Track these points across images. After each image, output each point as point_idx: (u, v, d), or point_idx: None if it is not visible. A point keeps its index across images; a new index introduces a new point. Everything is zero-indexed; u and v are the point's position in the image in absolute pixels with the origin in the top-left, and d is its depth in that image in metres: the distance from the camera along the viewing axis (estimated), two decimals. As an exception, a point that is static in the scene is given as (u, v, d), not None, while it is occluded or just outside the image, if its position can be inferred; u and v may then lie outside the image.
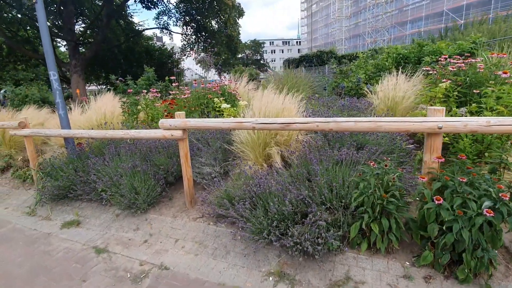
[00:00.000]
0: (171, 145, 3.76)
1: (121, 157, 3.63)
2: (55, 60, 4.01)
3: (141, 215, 3.26)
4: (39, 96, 7.81)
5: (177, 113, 3.03)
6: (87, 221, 3.42)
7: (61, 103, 4.01)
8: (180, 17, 18.59)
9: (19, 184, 4.75)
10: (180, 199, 3.48)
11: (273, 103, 3.59)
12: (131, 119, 4.67)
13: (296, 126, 2.34)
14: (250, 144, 3.53)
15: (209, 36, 15.95)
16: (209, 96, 4.67)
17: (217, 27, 14.52)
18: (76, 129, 3.91)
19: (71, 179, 3.66)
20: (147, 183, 3.27)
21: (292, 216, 2.41)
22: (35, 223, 3.56)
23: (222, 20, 13.98)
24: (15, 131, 4.23)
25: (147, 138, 3.14)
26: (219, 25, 14.48)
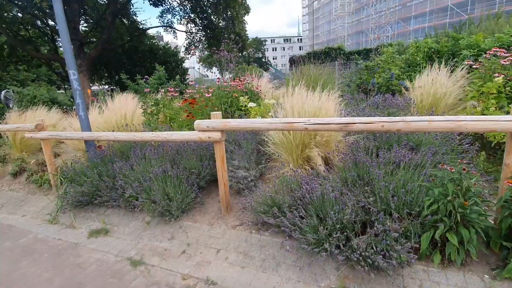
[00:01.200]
0: (201, 147, 3.54)
1: (148, 160, 3.41)
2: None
3: (174, 222, 3.05)
4: (48, 96, 7.59)
5: (213, 114, 2.80)
6: (115, 229, 3.21)
7: (81, 104, 3.79)
8: (184, 15, 18.31)
9: (35, 190, 4.54)
10: (214, 204, 3.26)
11: (308, 102, 3.37)
12: (152, 119, 4.45)
13: (357, 127, 2.11)
14: (285, 145, 3.31)
15: (216, 34, 15.65)
16: (234, 95, 4.43)
17: (224, 23, 14.24)
18: (99, 131, 3.69)
19: (95, 184, 3.44)
20: (180, 188, 3.05)
21: (351, 225, 2.19)
22: (58, 232, 3.34)
23: (229, 17, 13.69)
24: (31, 134, 4.01)
25: (181, 141, 2.92)
26: (227, 22, 14.19)
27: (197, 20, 17.74)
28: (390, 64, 5.09)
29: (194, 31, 18.95)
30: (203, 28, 17.60)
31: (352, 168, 2.63)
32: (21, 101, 7.42)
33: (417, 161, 2.44)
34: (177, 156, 3.50)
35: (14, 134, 5.81)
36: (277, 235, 2.61)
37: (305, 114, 3.24)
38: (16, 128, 4.22)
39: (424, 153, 2.52)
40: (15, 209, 4.15)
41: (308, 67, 5.47)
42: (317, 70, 5.47)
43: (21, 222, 3.73)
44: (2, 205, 4.34)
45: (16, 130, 4.35)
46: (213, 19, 15.60)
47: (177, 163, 3.45)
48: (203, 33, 18.53)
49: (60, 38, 3.59)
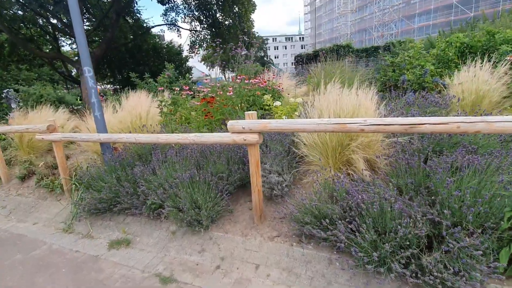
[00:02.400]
0: (227, 149, 3.27)
1: (171, 164, 3.14)
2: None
3: (203, 232, 2.78)
4: (55, 96, 7.32)
5: (248, 113, 2.53)
6: (137, 239, 2.94)
7: (97, 103, 3.52)
8: (189, 13, 18.04)
9: (46, 195, 4.28)
10: (244, 212, 3.00)
11: (343, 100, 3.10)
12: (172, 119, 4.18)
13: (425, 128, 1.84)
14: (319, 147, 3.05)
15: (221, 32, 15.37)
16: (257, 93, 4.16)
17: (230, 21, 13.94)
18: (116, 133, 3.42)
19: (114, 190, 3.18)
20: (209, 195, 2.79)
21: (415, 240, 1.92)
22: (75, 242, 3.08)
23: (236, 14, 13.39)
24: (43, 136, 3.75)
25: (211, 143, 2.66)
26: (233, 20, 13.90)
27: (201, 17, 17.47)
28: (419, 60, 4.81)
29: (199, 29, 18.68)
30: (208, 26, 17.32)
31: (407, 174, 2.36)
32: (27, 101, 7.16)
33: (482, 166, 2.17)
34: (202, 160, 3.23)
35: (21, 135, 5.56)
36: (322, 248, 2.34)
37: (342, 113, 2.98)
38: (26, 129, 3.96)
39: (492, 157, 2.25)
40: (25, 216, 3.89)
41: (330, 64, 5.19)
42: (338, 67, 5.19)
43: (33, 230, 3.47)
44: (10, 212, 4.09)
45: (26, 132, 4.09)
46: (218, 17, 15.30)
47: (202, 167, 3.18)
48: (208, 31, 18.25)
49: (75, 33, 3.32)
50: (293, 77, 6.29)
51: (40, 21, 17.44)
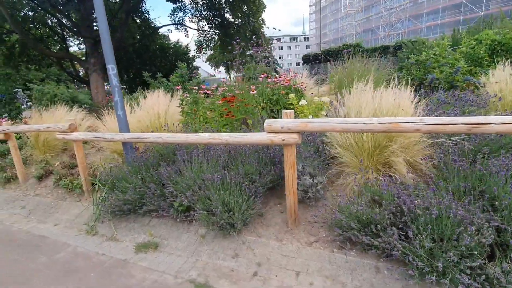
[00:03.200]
0: (254, 149, 3.15)
1: (198, 164, 3.03)
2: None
3: (235, 236, 2.66)
4: (69, 95, 7.28)
5: (285, 112, 2.41)
6: (165, 243, 2.83)
7: (119, 102, 3.43)
8: (196, 12, 17.97)
9: (65, 195, 4.19)
10: (275, 215, 2.87)
11: (376, 99, 2.96)
12: (195, 119, 4.07)
13: (491, 128, 1.70)
14: (354, 148, 2.91)
15: (229, 31, 15.24)
16: (282, 92, 4.04)
17: (239, 21, 13.82)
18: (142, 132, 3.32)
19: (140, 191, 3.07)
20: (242, 197, 2.67)
21: (479, 248, 1.78)
22: (100, 245, 2.98)
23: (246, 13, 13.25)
24: (63, 135, 3.66)
25: (246, 144, 2.54)
26: (242, 19, 13.77)
27: (208, 17, 17.39)
28: (446, 58, 4.64)
29: (206, 29, 18.60)
30: (216, 26, 17.21)
31: (457, 177, 2.22)
32: (41, 100, 7.12)
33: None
34: (231, 160, 3.11)
35: (37, 134, 5.50)
36: (366, 255, 2.21)
37: (380, 112, 2.84)
38: (46, 128, 3.88)
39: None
40: (45, 217, 3.81)
41: (352, 62, 5.05)
42: (362, 65, 5.04)
43: (55, 232, 3.38)
44: (30, 212, 4.01)
45: (46, 131, 4.01)
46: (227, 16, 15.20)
47: (230, 167, 3.06)
48: (215, 31, 18.16)
49: (100, 29, 3.23)
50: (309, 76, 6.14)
51: (49, 21, 17.55)
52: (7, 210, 4.24)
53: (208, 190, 2.76)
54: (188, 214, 2.93)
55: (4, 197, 4.65)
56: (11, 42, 17.27)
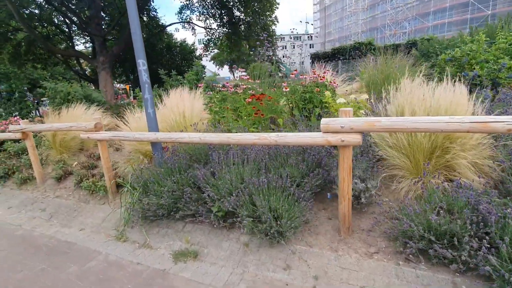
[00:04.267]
0: (297, 151, 2.94)
1: (236, 166, 2.82)
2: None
3: (283, 245, 2.45)
4: (83, 93, 7.09)
5: (343, 110, 2.19)
6: (205, 251, 2.63)
7: (150, 99, 3.22)
8: (204, 10, 17.76)
9: (88, 197, 4.00)
10: (322, 222, 2.66)
11: (428, 95, 2.74)
12: (226, 118, 3.85)
13: None
14: (407, 149, 2.69)
15: (238, 29, 14.99)
16: (317, 90, 3.81)
17: (250, 18, 13.58)
18: (178, 132, 3.11)
19: (175, 195, 2.86)
20: (288, 203, 2.46)
21: None
22: (133, 252, 2.78)
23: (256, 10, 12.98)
24: (88, 134, 3.46)
25: (297, 144, 2.33)
26: (253, 17, 13.53)
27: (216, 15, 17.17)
28: (485, 54, 4.40)
29: (214, 27, 18.37)
30: (224, 24, 16.98)
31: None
32: (54, 98, 6.94)
33: None
34: (272, 162, 2.90)
35: (54, 134, 5.32)
36: (438, 268, 1.99)
37: (438, 111, 2.61)
38: (69, 127, 3.69)
39: None
40: (68, 221, 3.62)
41: (385, 59, 4.81)
42: (393, 62, 4.80)
43: (81, 238, 3.18)
44: (51, 215, 3.82)
45: (69, 130, 3.81)
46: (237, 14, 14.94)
47: (270, 170, 2.84)
48: (223, 30, 17.94)
49: (130, 24, 3.03)
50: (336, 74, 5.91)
51: (56, 20, 17.44)
52: (26, 213, 4.06)
53: (252, 194, 2.55)
54: (226, 220, 2.72)
55: (21, 198, 4.47)
56: (17, 40, 17.16)
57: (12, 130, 4.39)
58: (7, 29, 14.99)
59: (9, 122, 7.13)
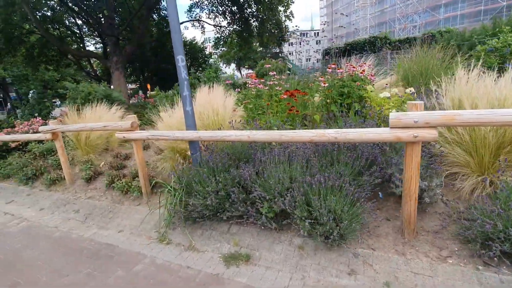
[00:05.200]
0: (350, 148, 2.78)
1: (285, 165, 2.68)
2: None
3: (344, 248, 2.31)
4: (103, 93, 7.06)
5: (412, 103, 2.03)
6: (256, 254, 2.51)
7: (188, 96, 3.11)
8: (213, 8, 17.63)
9: (121, 198, 3.93)
10: (380, 223, 2.51)
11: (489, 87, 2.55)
12: (262, 114, 3.73)
13: None
14: (469, 145, 2.51)
15: (249, 26, 14.78)
16: (358, 84, 3.64)
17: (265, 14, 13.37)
18: (222, 130, 2.99)
19: (220, 196, 2.75)
20: (348, 203, 2.31)
21: None
22: (179, 255, 2.68)
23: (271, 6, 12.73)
24: (124, 134, 3.37)
25: (361, 141, 2.18)
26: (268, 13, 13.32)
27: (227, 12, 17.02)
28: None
29: (224, 25, 18.22)
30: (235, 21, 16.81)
31: None
32: (75, 98, 6.91)
33: None
34: (320, 160, 2.75)
35: (78, 134, 5.28)
36: (525, 274, 1.83)
37: (501, 103, 2.43)
38: (103, 127, 3.61)
39: None
40: (104, 223, 3.54)
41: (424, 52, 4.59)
42: (432, 55, 4.58)
43: (122, 240, 3.10)
44: (86, 217, 3.76)
45: (103, 129, 3.73)
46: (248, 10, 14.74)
47: (319, 168, 2.70)
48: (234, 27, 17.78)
49: (169, 18, 2.91)
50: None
51: (67, 21, 17.61)
52: (59, 214, 4.01)
53: (306, 194, 2.41)
54: (276, 221, 2.60)
55: (53, 199, 4.43)
56: (31, 43, 17.36)
57: (42, 130, 4.34)
58: (21, 31, 15.15)
59: (31, 123, 7.14)
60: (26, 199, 4.66)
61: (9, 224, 3.89)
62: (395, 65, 5.58)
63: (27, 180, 5.10)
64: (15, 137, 5.16)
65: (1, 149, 6.26)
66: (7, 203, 4.73)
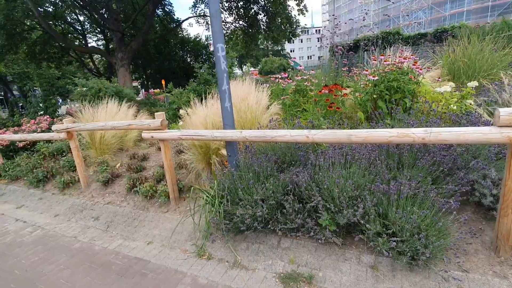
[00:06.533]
0: (416, 149, 2.42)
1: (342, 171, 2.32)
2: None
3: (426, 269, 1.96)
4: (114, 89, 6.68)
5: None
6: (319, 274, 2.15)
7: (228, 91, 2.74)
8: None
9: (145, 204, 3.57)
10: (466, 239, 2.14)
11: None
12: (309, 110, 3.36)
13: None
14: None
15: (255, 22, 14.33)
16: (411, 77, 3.27)
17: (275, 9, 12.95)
18: (272, 130, 2.62)
19: (270, 204, 2.39)
20: (433, 215, 1.95)
21: None
22: (225, 274, 2.32)
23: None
24: (153, 133, 3.01)
25: (457, 142, 1.80)
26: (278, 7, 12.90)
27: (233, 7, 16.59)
28: None
29: (230, 21, 17.80)
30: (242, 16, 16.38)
31: None
32: (85, 95, 6.53)
33: None
34: (389, 164, 2.39)
35: (92, 133, 4.91)
36: None
37: None
38: (128, 125, 3.23)
39: None
40: (129, 232, 3.19)
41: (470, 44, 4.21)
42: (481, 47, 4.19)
43: (153, 254, 2.74)
44: (108, 225, 3.40)
45: (127, 128, 3.36)
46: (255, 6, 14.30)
47: (378, 173, 2.34)
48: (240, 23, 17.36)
49: (210, 5, 2.53)
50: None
51: (68, 17, 17.22)
52: (77, 221, 3.65)
53: (379, 204, 2.06)
54: (338, 235, 2.24)
55: (68, 204, 4.07)
56: (32, 39, 17.00)
57: (56, 129, 3.97)
58: (23, 28, 14.76)
59: (38, 121, 6.77)
60: (38, 204, 4.31)
61: (22, 233, 3.54)
62: (430, 59, 5.20)
63: (37, 182, 4.74)
64: (25, 137, 4.79)
65: (8, 149, 5.90)
66: (18, 207, 4.37)
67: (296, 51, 77.82)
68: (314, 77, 5.07)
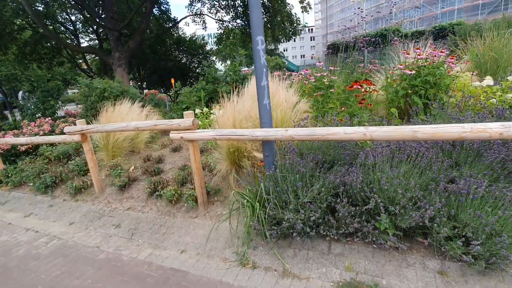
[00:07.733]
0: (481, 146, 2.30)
1: (397, 170, 2.18)
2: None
3: (499, 273, 1.83)
4: (120, 89, 6.39)
5: None
6: (383, 283, 2.00)
7: (266, 87, 2.56)
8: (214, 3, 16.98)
9: (170, 209, 3.35)
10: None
11: None
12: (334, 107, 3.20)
13: None
14: None
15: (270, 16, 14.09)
16: (450, 71, 3.16)
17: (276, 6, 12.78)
18: (325, 127, 2.45)
19: (320, 207, 2.23)
20: (504, 216, 1.83)
21: None
22: (276, 284, 2.14)
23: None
24: (183, 133, 2.80)
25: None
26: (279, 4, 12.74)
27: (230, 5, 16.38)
28: None
29: (228, 19, 17.58)
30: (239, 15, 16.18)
31: None
32: (89, 96, 6.24)
33: None
34: (446, 161, 2.26)
35: (106, 135, 4.66)
36: None
37: None
38: (154, 125, 2.99)
39: None
40: (158, 240, 2.97)
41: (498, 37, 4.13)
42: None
43: (190, 263, 2.54)
44: (132, 233, 3.18)
45: (153, 129, 3.11)
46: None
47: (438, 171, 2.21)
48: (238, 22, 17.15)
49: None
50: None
51: (59, 17, 16.74)
52: (96, 230, 3.41)
53: (448, 205, 1.92)
54: (400, 239, 2.10)
55: (82, 211, 3.82)
56: (23, 39, 16.44)
57: (69, 131, 3.71)
58: (12, 28, 14.25)
59: (40, 123, 6.45)
60: (49, 211, 4.03)
61: (36, 244, 3.28)
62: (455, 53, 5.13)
63: (45, 188, 4.46)
64: (32, 140, 4.49)
65: (9, 154, 5.57)
66: (26, 216, 4.09)
67: (289, 50, 77.91)
68: (332, 73, 4.94)
